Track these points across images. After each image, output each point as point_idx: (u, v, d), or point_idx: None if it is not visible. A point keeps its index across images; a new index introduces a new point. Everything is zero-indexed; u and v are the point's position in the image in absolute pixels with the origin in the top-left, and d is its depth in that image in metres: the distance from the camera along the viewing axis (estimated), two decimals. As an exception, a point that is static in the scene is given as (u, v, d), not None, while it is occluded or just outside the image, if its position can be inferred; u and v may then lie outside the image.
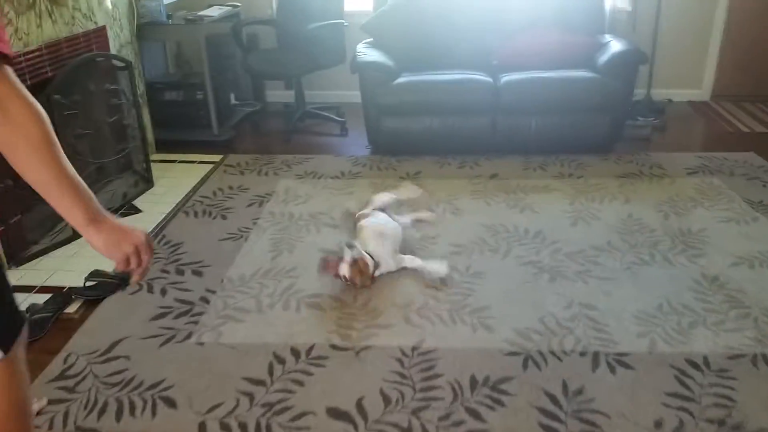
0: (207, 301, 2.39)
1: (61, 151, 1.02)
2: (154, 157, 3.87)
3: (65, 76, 2.78)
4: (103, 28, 3.34)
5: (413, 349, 2.08)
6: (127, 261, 1.13)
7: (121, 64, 3.30)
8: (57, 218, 2.85)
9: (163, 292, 2.46)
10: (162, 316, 2.31)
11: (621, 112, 3.77)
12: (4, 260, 2.54)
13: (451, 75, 3.80)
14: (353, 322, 2.24)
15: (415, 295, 2.39)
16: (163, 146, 4.00)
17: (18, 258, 2.63)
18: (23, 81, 2.65)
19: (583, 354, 2.04)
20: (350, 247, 2.39)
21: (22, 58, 2.67)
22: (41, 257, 2.71)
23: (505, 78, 3.75)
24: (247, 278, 2.54)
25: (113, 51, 3.44)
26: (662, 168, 3.56)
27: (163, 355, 2.10)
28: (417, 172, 3.60)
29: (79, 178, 1.05)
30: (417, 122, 3.77)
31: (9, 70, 0.98)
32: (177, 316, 2.30)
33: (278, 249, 2.75)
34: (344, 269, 2.37)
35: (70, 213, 1.05)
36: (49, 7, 2.86)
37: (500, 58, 4.03)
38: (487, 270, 2.56)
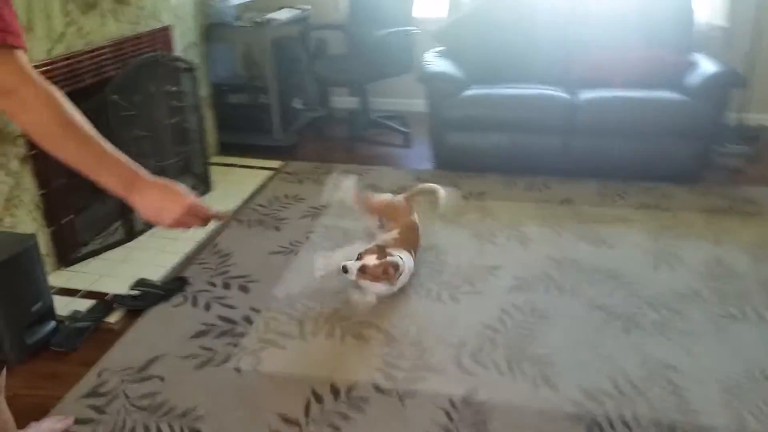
0: (250, 321, 2.27)
1: (86, 127, 1.04)
2: (216, 159, 3.82)
3: (124, 77, 2.73)
4: (168, 27, 3.30)
5: (463, 400, 1.88)
6: (178, 223, 1.12)
7: (184, 66, 3.24)
8: (110, 219, 2.83)
9: (207, 306, 2.36)
10: (203, 334, 2.20)
11: (710, 138, 3.43)
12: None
13: (523, 89, 3.56)
14: (400, 359, 2.06)
15: (471, 334, 2.19)
16: (226, 149, 3.95)
17: (68, 259, 2.60)
18: (83, 80, 2.65)
19: (657, 424, 1.79)
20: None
21: (84, 57, 2.63)
22: (91, 259, 2.67)
23: (584, 95, 3.48)
24: (293, 298, 2.40)
25: (178, 51, 3.40)
26: (755, 204, 3.20)
27: (198, 379, 1.99)
28: (481, 192, 3.39)
29: (112, 148, 1.07)
30: (484, 138, 3.56)
31: (21, 58, 0.99)
32: (218, 336, 2.19)
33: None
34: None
35: (109, 184, 1.07)
36: (112, 5, 2.82)
37: (579, 73, 3.76)
38: (551, 311, 2.33)
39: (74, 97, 2.57)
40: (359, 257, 2.29)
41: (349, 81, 4.26)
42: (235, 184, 3.47)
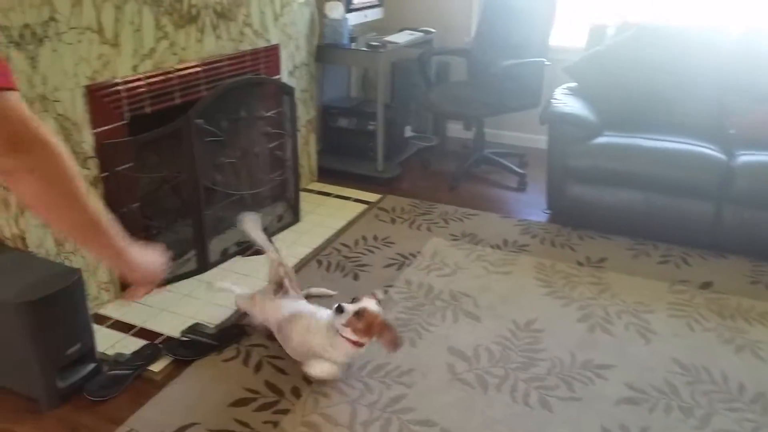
0: (298, 395, 1.96)
1: (83, 186, 0.93)
2: (313, 186, 3.61)
3: (212, 100, 2.55)
4: (276, 47, 3.12)
5: None
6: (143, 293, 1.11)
7: (283, 89, 3.04)
8: (185, 247, 2.66)
9: (258, 367, 2.09)
10: (244, 402, 1.93)
11: None
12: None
13: (668, 142, 2.99)
14: (463, 482, 1.66)
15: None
16: (326, 174, 3.73)
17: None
18: (171, 100, 2.49)
19: None
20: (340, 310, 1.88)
21: (174, 75, 2.49)
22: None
23: (744, 157, 2.85)
24: (352, 371, 2.07)
25: (285, 72, 3.21)
26: None
27: (223, 462, 1.71)
28: (601, 258, 2.87)
29: (104, 212, 0.98)
30: (612, 194, 3.03)
31: (13, 102, 0.82)
32: (259, 408, 1.91)
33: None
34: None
35: (103, 253, 1.02)
36: (214, 21, 2.67)
37: (739, 128, 3.11)
38: (671, 442, 1.81)
39: (158, 117, 2.39)
40: (354, 300, 1.92)
41: (464, 114, 3.88)
42: (325, 216, 3.22)
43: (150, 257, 1.10)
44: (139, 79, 2.33)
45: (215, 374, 2.05)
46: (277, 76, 3.14)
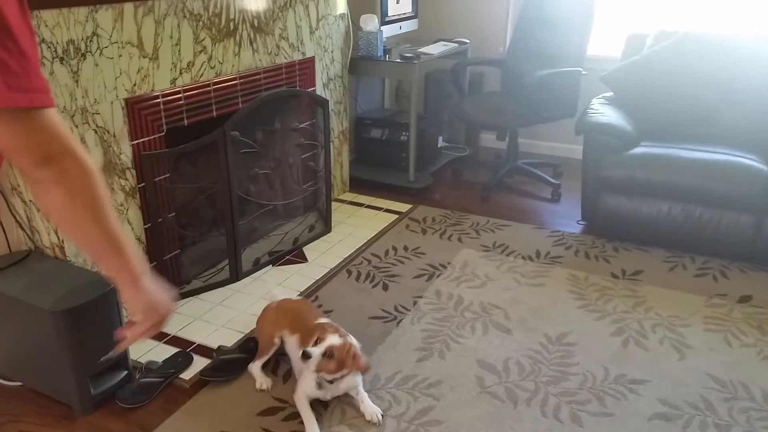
0: (326, 406, 1.97)
1: (108, 203, 0.93)
2: (345, 196, 3.64)
3: (247, 112, 2.60)
4: (311, 59, 3.17)
5: None
6: (151, 330, 1.06)
7: (317, 101, 3.08)
8: (219, 256, 2.71)
9: (287, 376, 2.11)
10: (272, 412, 1.95)
11: None
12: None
13: (708, 153, 2.92)
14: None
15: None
16: (358, 185, 3.76)
17: (167, 296, 2.50)
18: (209, 112, 2.56)
19: None
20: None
21: (211, 88, 2.55)
22: (191, 298, 2.56)
23: (788, 168, 2.77)
24: (381, 382, 2.07)
25: (319, 84, 3.25)
26: None
27: (251, 469, 1.73)
28: (637, 271, 2.81)
29: (125, 235, 0.98)
30: (649, 205, 2.97)
31: (53, 117, 0.84)
32: (287, 417, 1.93)
33: (429, 348, 2.25)
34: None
35: (117, 275, 0.99)
36: (251, 34, 2.73)
37: (784, 138, 3.02)
38: (706, 462, 1.76)
39: (197, 128, 2.44)
40: (318, 340, 1.86)
41: (497, 124, 3.86)
42: (356, 227, 3.24)
43: (163, 292, 1.06)
44: (177, 93, 2.40)
45: (244, 383, 2.08)
46: (312, 88, 3.19)
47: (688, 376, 2.11)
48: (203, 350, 2.21)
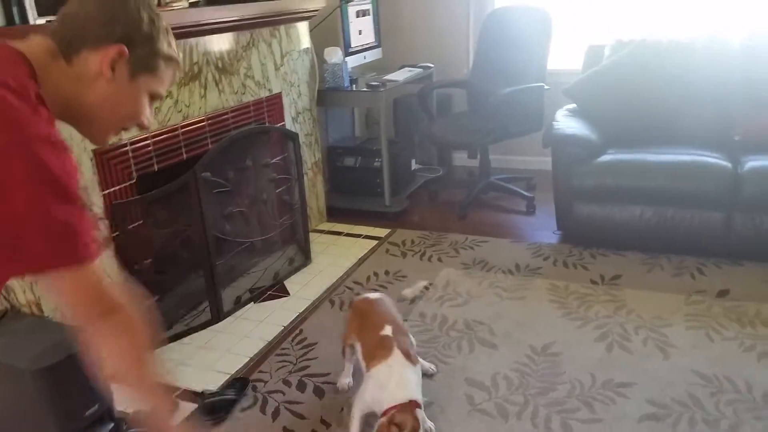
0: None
1: (152, 346, 1.01)
2: (323, 226, 3.65)
3: (217, 152, 2.62)
4: (278, 95, 3.20)
5: None
6: None
7: (286, 135, 3.11)
8: (198, 298, 2.70)
9: (275, 414, 2.10)
10: (263, 449, 1.93)
11: None
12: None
13: (673, 155, 2.99)
14: None
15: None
16: (336, 214, 3.77)
17: (149, 342, 2.48)
18: (179, 155, 2.57)
19: None
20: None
21: (179, 132, 2.57)
22: (173, 343, 2.54)
23: (750, 163, 2.84)
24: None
25: (288, 118, 3.29)
26: None
27: None
28: (615, 275, 2.85)
29: (161, 381, 1.05)
30: (622, 210, 3.03)
31: (91, 272, 0.91)
32: (279, 453, 1.91)
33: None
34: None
35: (154, 411, 1.05)
36: (216, 76, 2.76)
37: (744, 135, 3.11)
38: (698, 459, 1.77)
39: (168, 173, 2.42)
40: (385, 413, 1.71)
41: (467, 143, 3.92)
42: (336, 256, 3.25)
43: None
44: (145, 139, 2.41)
45: (234, 426, 2.06)
46: (281, 123, 3.22)
47: (673, 375, 2.13)
48: (189, 396, 2.19)
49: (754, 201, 2.77)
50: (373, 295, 2.15)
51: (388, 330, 1.93)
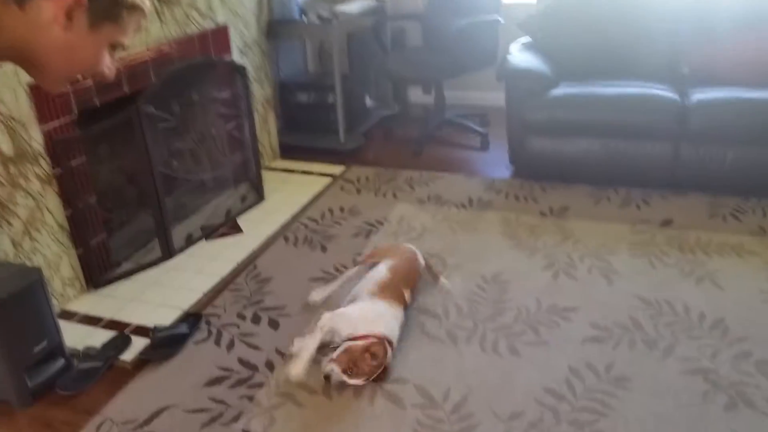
0: (272, 368, 1.99)
1: None
2: (276, 164, 3.60)
3: (159, 86, 2.52)
4: (224, 27, 3.08)
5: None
6: None
7: (234, 68, 3.01)
8: (148, 236, 2.66)
9: (230, 345, 2.11)
10: (217, 381, 1.95)
11: None
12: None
13: (623, 88, 3.03)
14: (435, 431, 1.71)
15: (529, 401, 1.79)
16: (289, 152, 3.72)
17: (98, 280, 2.44)
18: (120, 90, 2.47)
19: None
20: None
21: (119, 64, 2.45)
22: (124, 280, 2.50)
23: (697, 95, 2.90)
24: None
25: (236, 51, 3.18)
26: None
27: (201, 439, 1.74)
28: (563, 207, 2.92)
29: None
30: (572, 144, 3.07)
31: None
32: (233, 385, 1.93)
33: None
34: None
35: None
36: (157, 6, 2.62)
37: (692, 66, 3.16)
38: (634, 374, 1.87)
39: (112, 108, 2.32)
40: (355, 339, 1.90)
41: (422, 78, 3.88)
42: (289, 193, 3.22)
43: None
44: (84, 78, 2.29)
45: (187, 357, 2.07)
46: (227, 57, 3.11)
47: (616, 300, 2.22)
48: (141, 331, 2.18)
49: (700, 132, 2.84)
50: (414, 249, 2.36)
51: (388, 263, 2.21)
